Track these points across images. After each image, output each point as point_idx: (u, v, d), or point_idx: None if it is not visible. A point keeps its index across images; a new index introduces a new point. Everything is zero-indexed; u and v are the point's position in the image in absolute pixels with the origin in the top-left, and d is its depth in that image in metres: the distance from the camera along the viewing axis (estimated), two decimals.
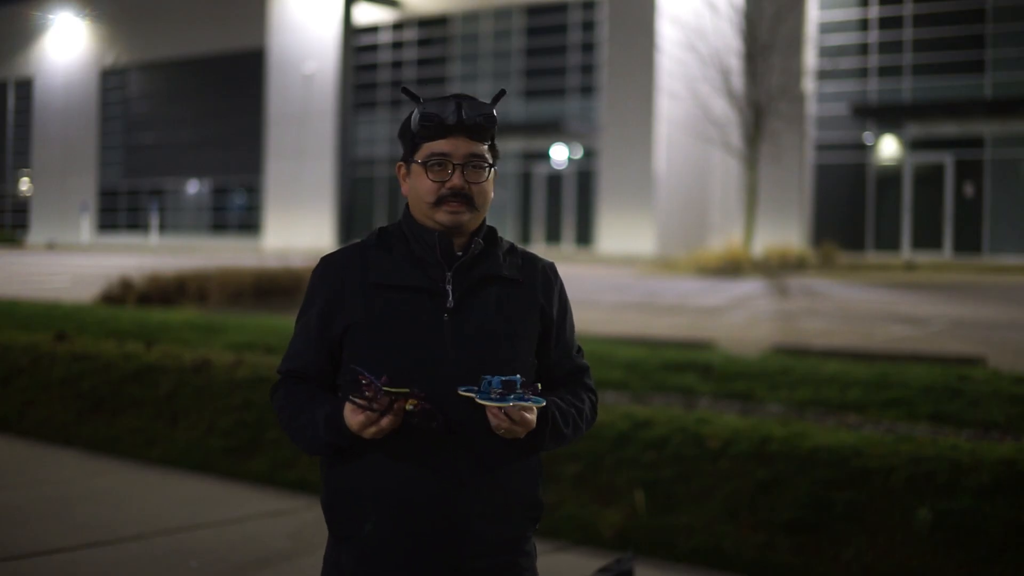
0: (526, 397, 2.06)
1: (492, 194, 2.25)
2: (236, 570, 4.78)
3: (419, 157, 2.21)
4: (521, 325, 2.22)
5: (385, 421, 2.04)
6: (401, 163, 2.28)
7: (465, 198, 2.18)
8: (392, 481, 2.14)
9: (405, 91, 2.27)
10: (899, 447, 4.93)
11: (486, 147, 2.22)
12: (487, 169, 2.21)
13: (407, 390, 2.03)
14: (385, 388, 2.02)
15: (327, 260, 2.27)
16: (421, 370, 2.13)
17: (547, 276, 2.30)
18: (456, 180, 2.18)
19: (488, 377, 2.07)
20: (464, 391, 2.07)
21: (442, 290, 2.18)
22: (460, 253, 2.21)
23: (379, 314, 2.17)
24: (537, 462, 2.27)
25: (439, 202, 2.18)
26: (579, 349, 2.37)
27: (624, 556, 4.12)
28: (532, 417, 2.09)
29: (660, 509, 5.05)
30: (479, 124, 2.18)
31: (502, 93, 2.28)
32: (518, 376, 2.08)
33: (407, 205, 2.28)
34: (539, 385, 2.14)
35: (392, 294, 2.18)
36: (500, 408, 2.05)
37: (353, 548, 2.18)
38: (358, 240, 2.31)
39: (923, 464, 4.73)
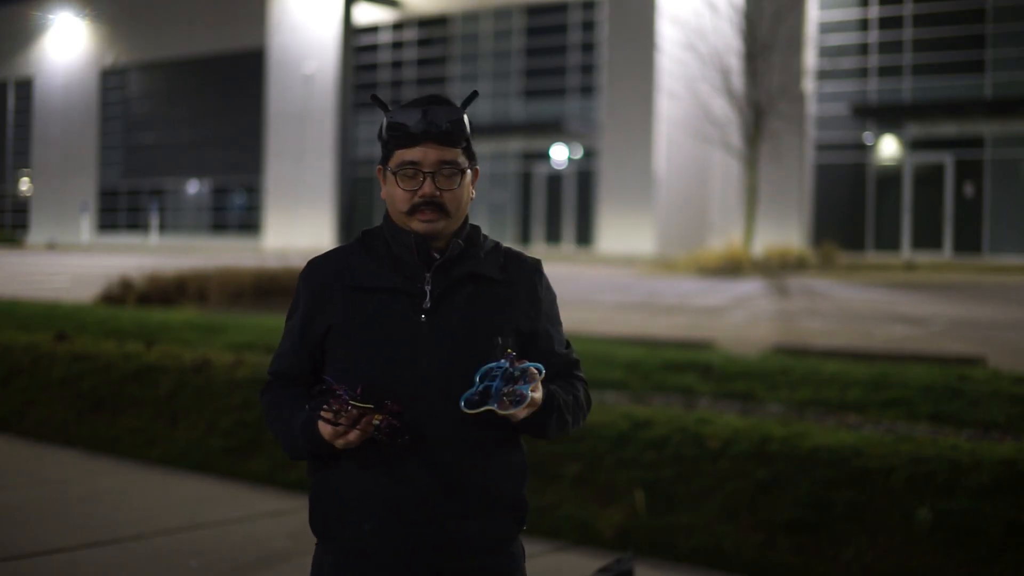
0: (517, 387, 2.03)
1: (471, 196, 2.23)
2: (236, 570, 4.78)
3: (391, 165, 2.19)
4: (504, 324, 2.21)
5: (352, 435, 2.04)
6: (380, 167, 2.27)
7: (437, 206, 2.16)
8: (373, 483, 2.14)
9: (374, 99, 2.25)
10: (899, 447, 4.93)
11: (459, 151, 2.18)
12: (460, 175, 2.18)
13: (371, 406, 2.02)
14: (352, 403, 2.01)
15: (312, 263, 2.28)
16: (398, 371, 2.13)
17: (531, 274, 2.29)
18: (427, 188, 2.15)
19: (488, 369, 2.04)
20: (466, 409, 2.04)
21: (420, 291, 2.17)
22: (438, 255, 2.19)
23: (358, 316, 2.17)
24: (522, 462, 2.26)
25: (412, 211, 2.17)
26: (567, 344, 2.36)
27: (624, 556, 4.12)
28: (536, 394, 2.06)
29: (660, 509, 5.05)
30: (447, 131, 2.15)
31: (474, 95, 2.24)
32: (502, 361, 2.04)
33: (387, 208, 2.28)
34: (542, 368, 2.10)
35: (372, 296, 2.18)
36: (506, 415, 2.03)
37: (338, 549, 2.18)
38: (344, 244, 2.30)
39: (923, 464, 4.73)
